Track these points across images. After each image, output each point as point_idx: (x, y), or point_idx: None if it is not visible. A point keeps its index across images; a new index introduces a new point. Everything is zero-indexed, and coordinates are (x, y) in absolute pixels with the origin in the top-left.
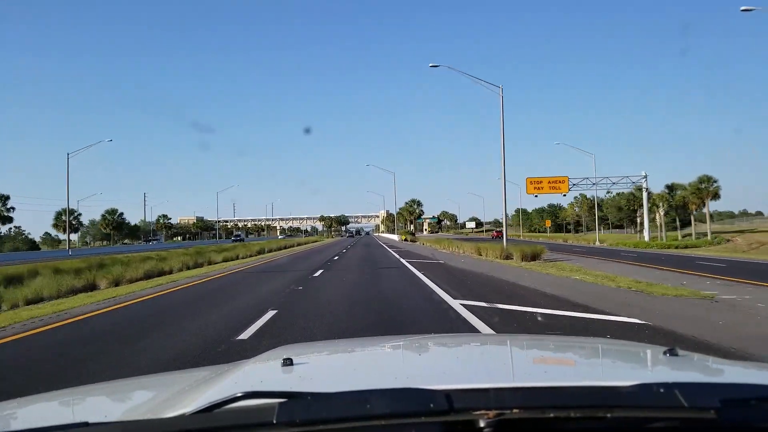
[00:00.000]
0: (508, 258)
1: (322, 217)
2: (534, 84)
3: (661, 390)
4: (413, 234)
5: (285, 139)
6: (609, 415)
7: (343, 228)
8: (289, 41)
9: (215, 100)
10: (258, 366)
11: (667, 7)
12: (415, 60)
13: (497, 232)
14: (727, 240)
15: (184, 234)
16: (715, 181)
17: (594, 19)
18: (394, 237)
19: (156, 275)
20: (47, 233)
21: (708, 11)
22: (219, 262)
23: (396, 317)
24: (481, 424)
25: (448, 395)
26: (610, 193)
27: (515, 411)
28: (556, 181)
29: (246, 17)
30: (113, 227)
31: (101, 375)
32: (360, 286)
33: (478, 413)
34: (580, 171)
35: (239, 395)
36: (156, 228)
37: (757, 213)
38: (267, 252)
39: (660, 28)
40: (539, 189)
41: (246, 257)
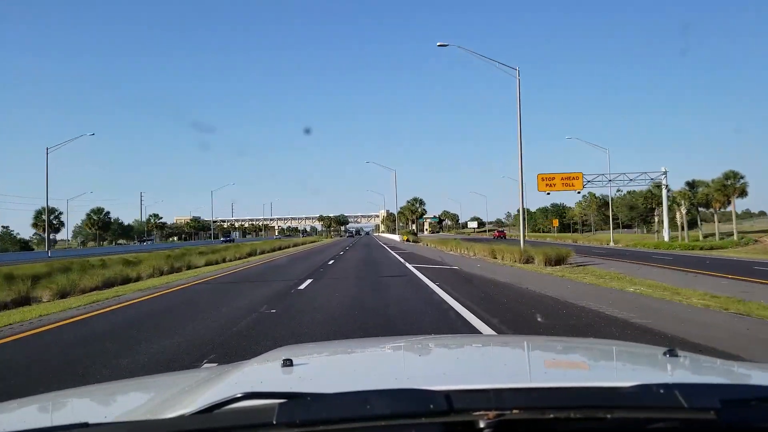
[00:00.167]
0: (528, 262)
1: (321, 217)
2: (538, 83)
3: (661, 390)
4: (415, 234)
5: (285, 139)
6: (609, 416)
7: (343, 228)
8: (289, 41)
9: (215, 100)
10: (258, 366)
11: (669, 7)
12: (415, 60)
13: (499, 232)
14: (755, 240)
15: (180, 234)
16: (742, 177)
17: (592, 18)
18: (394, 237)
19: (119, 283)
20: (37, 233)
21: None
22: (200, 266)
23: None
24: (481, 424)
25: (447, 396)
26: (620, 192)
27: (515, 412)
28: (569, 177)
29: (246, 17)
30: (99, 227)
31: None
32: (358, 306)
33: (477, 414)
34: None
35: (239, 396)
36: (147, 228)
37: (760, 213)
38: (258, 254)
39: (659, 27)
40: (551, 186)
41: (233, 260)
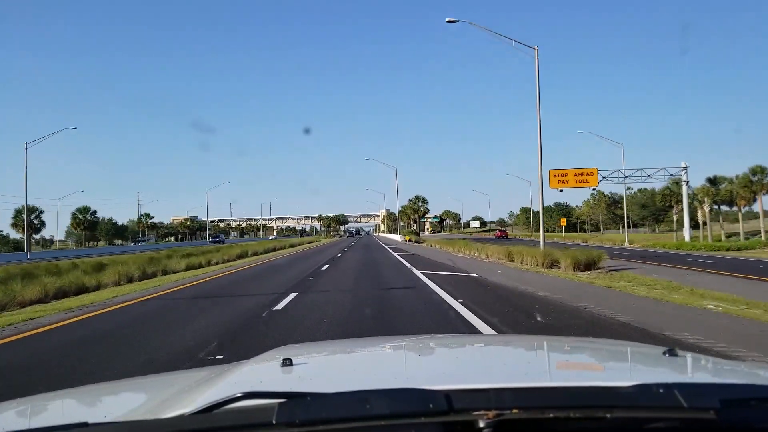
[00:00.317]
0: (552, 266)
1: (320, 217)
2: (547, 81)
3: (661, 390)
4: (418, 234)
5: (284, 139)
6: (609, 416)
7: (342, 228)
8: (289, 41)
9: (215, 99)
10: (257, 366)
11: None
12: (416, 59)
13: (501, 231)
14: None
15: (176, 234)
16: None
17: (592, 18)
18: (396, 237)
19: (72, 293)
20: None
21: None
22: (179, 270)
23: None
24: (481, 424)
25: (447, 395)
26: (630, 190)
27: (515, 411)
28: (583, 173)
29: (246, 17)
30: (86, 227)
31: None
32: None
33: (477, 413)
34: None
35: (239, 395)
36: (139, 228)
37: None
38: (250, 256)
39: (660, 28)
40: (564, 182)
41: (220, 263)
